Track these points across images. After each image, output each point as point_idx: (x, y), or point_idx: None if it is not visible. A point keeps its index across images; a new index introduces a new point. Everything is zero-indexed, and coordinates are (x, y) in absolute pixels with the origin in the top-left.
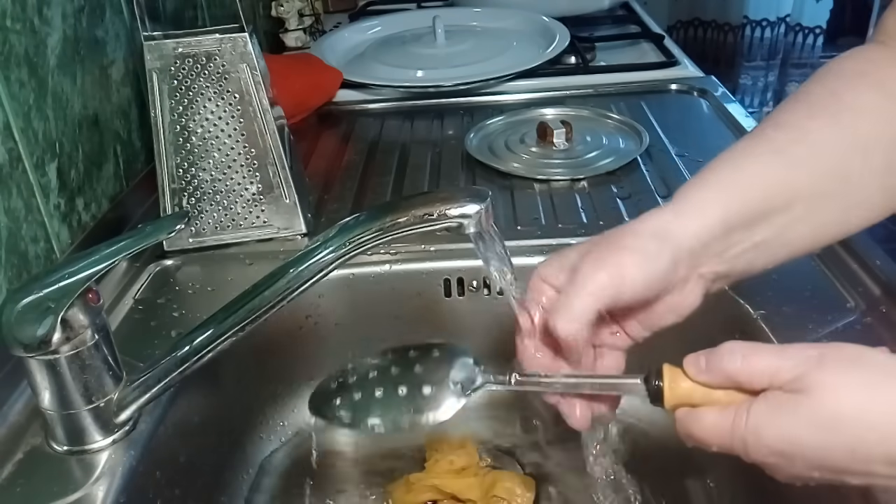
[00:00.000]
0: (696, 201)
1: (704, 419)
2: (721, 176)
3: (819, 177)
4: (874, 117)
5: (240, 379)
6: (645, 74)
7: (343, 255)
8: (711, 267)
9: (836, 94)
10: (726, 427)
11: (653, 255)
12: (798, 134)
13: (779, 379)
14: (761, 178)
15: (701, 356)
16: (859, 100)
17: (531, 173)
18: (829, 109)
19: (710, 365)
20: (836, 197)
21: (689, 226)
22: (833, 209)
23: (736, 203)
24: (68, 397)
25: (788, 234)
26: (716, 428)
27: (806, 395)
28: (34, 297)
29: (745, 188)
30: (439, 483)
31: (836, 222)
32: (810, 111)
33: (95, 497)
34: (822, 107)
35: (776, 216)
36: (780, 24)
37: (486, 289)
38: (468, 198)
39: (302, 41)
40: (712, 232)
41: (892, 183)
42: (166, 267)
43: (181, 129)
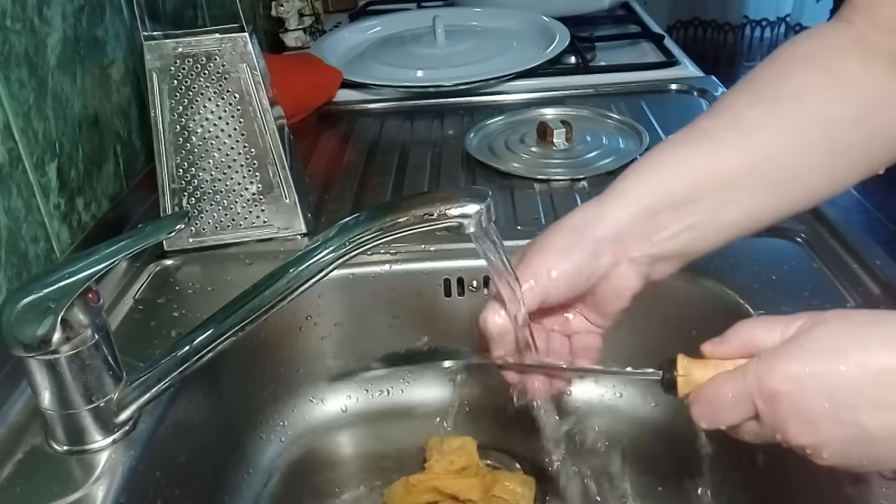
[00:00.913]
0: (621, 190)
1: (717, 377)
2: (649, 164)
3: (752, 161)
4: (817, 100)
5: (240, 379)
6: (645, 74)
7: (343, 255)
8: (642, 251)
9: (782, 78)
10: (739, 374)
11: (572, 253)
12: (733, 120)
13: (787, 334)
14: (689, 164)
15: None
16: (804, 83)
17: (531, 173)
18: (771, 94)
19: (725, 337)
20: (771, 181)
21: (612, 213)
22: (769, 192)
23: (661, 188)
24: (68, 397)
25: (721, 218)
26: (729, 378)
27: (814, 331)
28: (34, 297)
29: (672, 173)
30: (440, 485)
31: (771, 206)
32: (751, 99)
33: (95, 497)
34: (764, 92)
35: (705, 200)
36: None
37: (486, 289)
38: (468, 198)
39: (302, 41)
40: (635, 218)
41: (835, 165)
42: (166, 267)
43: (181, 128)
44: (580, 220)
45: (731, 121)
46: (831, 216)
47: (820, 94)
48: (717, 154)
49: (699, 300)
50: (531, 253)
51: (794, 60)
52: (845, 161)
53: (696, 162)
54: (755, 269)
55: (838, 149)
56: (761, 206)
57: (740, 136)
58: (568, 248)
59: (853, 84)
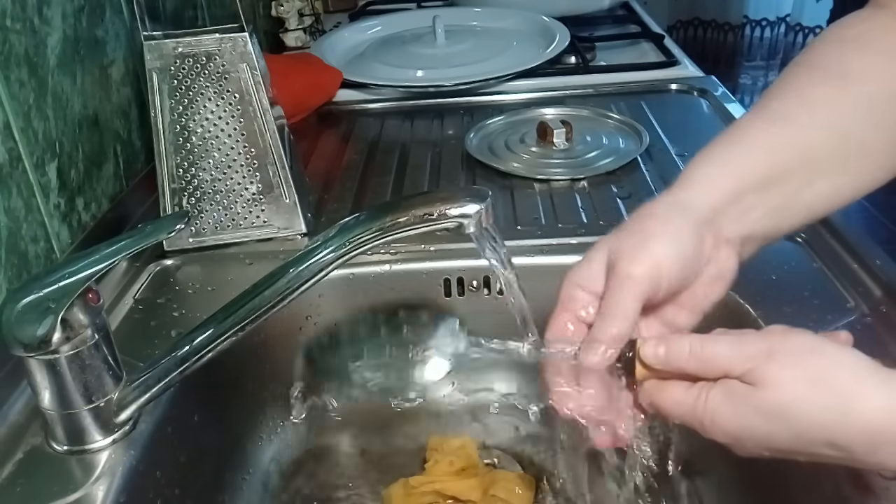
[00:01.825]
0: (703, 176)
1: (671, 394)
2: (725, 149)
3: (829, 139)
4: (879, 77)
5: (240, 379)
6: (645, 74)
7: (343, 255)
8: (735, 230)
9: (839, 59)
10: (689, 405)
11: (678, 231)
12: (804, 100)
13: (733, 371)
14: (767, 144)
15: (660, 346)
16: (863, 62)
17: (531, 173)
18: (832, 74)
19: (668, 358)
20: (848, 158)
21: (702, 199)
22: (846, 170)
23: (744, 171)
24: (68, 397)
25: (805, 197)
26: (679, 404)
27: (756, 388)
28: (34, 296)
29: (751, 155)
30: (439, 487)
31: (850, 183)
32: (812, 78)
33: (95, 497)
34: (824, 72)
35: (789, 179)
36: (780, 24)
37: (486, 289)
38: (468, 198)
39: (302, 41)
40: (725, 201)
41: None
42: (166, 267)
43: (181, 128)
44: (667, 205)
45: (801, 101)
46: (831, 216)
47: (882, 73)
48: (796, 133)
49: None
50: (629, 247)
51: (848, 43)
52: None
53: (776, 142)
54: (755, 269)
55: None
56: (841, 183)
57: (815, 114)
58: (672, 234)
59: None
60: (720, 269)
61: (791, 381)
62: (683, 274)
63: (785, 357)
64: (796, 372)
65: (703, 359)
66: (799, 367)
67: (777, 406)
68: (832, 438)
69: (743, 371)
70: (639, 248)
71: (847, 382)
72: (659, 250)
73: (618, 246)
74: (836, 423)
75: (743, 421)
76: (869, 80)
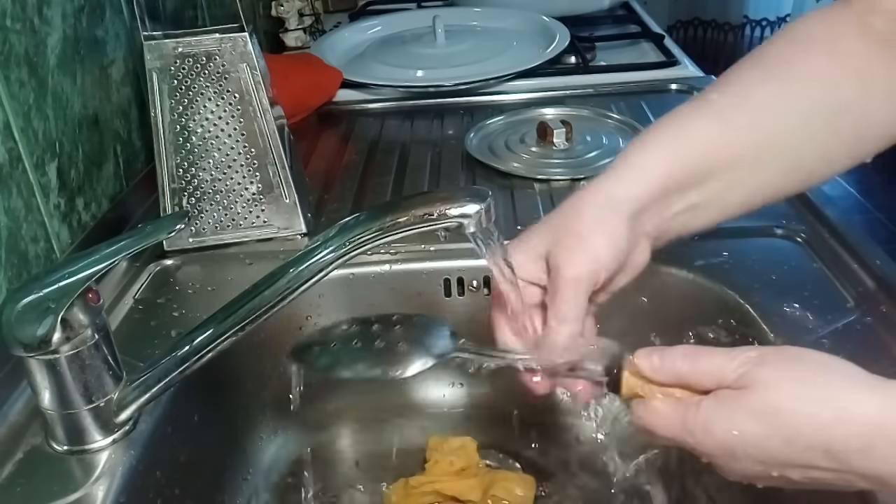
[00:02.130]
0: (637, 165)
1: (659, 410)
2: (662, 139)
3: (756, 142)
4: (821, 84)
5: (240, 379)
6: (645, 74)
7: (343, 255)
8: (653, 225)
9: (787, 60)
10: (678, 420)
11: (613, 228)
12: (740, 98)
13: (725, 379)
14: (700, 142)
15: (654, 354)
16: (809, 65)
17: (531, 173)
18: (776, 75)
19: (663, 364)
20: (773, 162)
21: (632, 189)
22: (769, 173)
23: (675, 166)
24: (68, 397)
25: (724, 198)
26: (668, 420)
27: (749, 390)
28: (34, 296)
29: (684, 152)
30: (440, 487)
31: (771, 186)
32: (758, 76)
33: (95, 497)
34: (770, 72)
35: (712, 180)
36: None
37: (486, 288)
38: (468, 198)
39: (302, 41)
40: (652, 195)
41: (833, 148)
42: (166, 267)
43: (181, 128)
44: (601, 199)
45: (739, 98)
46: (831, 216)
47: (824, 78)
48: (728, 132)
49: (699, 300)
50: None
51: (799, 42)
52: (842, 144)
53: (705, 139)
54: (755, 269)
55: (837, 132)
56: (763, 186)
57: (748, 114)
58: (608, 232)
59: (855, 68)
60: (636, 259)
61: (782, 380)
62: (617, 267)
63: (776, 361)
64: (788, 373)
65: (697, 365)
66: (791, 370)
67: (769, 406)
68: (827, 443)
69: (737, 376)
70: (578, 249)
71: (839, 384)
72: (597, 249)
73: (556, 245)
74: (830, 422)
75: (736, 425)
76: (811, 84)
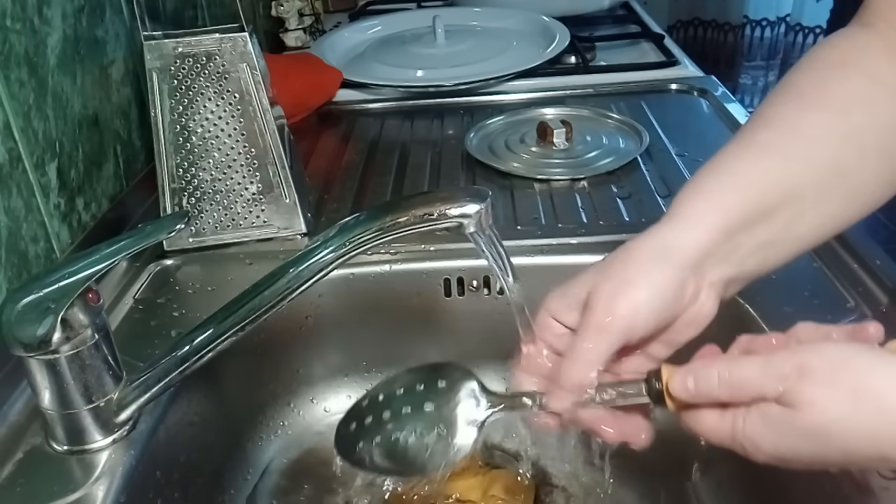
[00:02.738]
0: (692, 213)
1: (705, 422)
2: (714, 182)
3: (817, 170)
4: (864, 105)
5: (240, 379)
6: (645, 74)
7: (343, 255)
8: (720, 273)
9: (824, 86)
10: (726, 431)
11: (660, 279)
12: (789, 130)
13: (767, 395)
14: (757, 178)
15: (689, 377)
16: (848, 89)
17: (531, 173)
18: (818, 101)
19: (699, 390)
20: (836, 189)
21: (689, 239)
22: (834, 201)
23: (734, 207)
24: (68, 397)
25: (794, 230)
26: (716, 431)
27: (795, 410)
28: (34, 296)
29: (741, 190)
30: (440, 488)
31: (838, 214)
32: (799, 105)
33: (95, 497)
34: (811, 99)
35: (778, 214)
36: (780, 24)
37: (486, 288)
38: (468, 197)
39: (302, 41)
40: (714, 240)
41: (887, 168)
42: (166, 267)
43: (181, 128)
44: (651, 248)
45: (787, 132)
46: None
47: (866, 100)
48: (784, 166)
49: None
50: (607, 290)
51: (832, 67)
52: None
53: (763, 176)
54: None
55: (889, 152)
56: (830, 215)
57: (802, 145)
58: (653, 283)
59: (892, 86)
60: (697, 313)
61: (830, 400)
62: (660, 322)
63: (818, 375)
64: (834, 391)
65: (733, 385)
66: (836, 385)
67: (821, 428)
68: (884, 453)
69: (777, 394)
70: (617, 295)
71: (889, 394)
72: (637, 300)
73: (596, 287)
74: (887, 437)
75: (787, 445)
76: (854, 107)
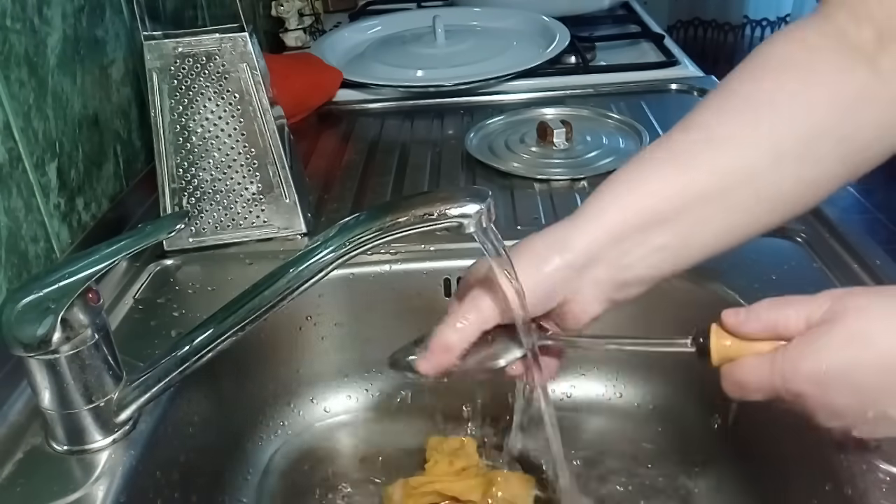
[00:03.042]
0: (591, 214)
1: (746, 364)
2: (619, 186)
3: (724, 177)
4: (792, 109)
5: (240, 379)
6: (645, 74)
7: (343, 255)
8: (606, 274)
9: (755, 88)
10: (766, 367)
11: (540, 278)
12: (703, 134)
13: (813, 318)
14: (658, 183)
15: (740, 311)
16: (778, 91)
17: (531, 173)
18: (743, 106)
19: (749, 316)
20: (745, 197)
21: (580, 240)
22: (743, 209)
23: (630, 209)
24: (68, 397)
25: (694, 238)
26: (757, 369)
27: (837, 321)
28: (34, 296)
29: (640, 193)
30: (440, 488)
31: (743, 223)
32: (722, 110)
33: (95, 497)
34: (735, 104)
35: (675, 220)
36: (780, 24)
37: None
38: (468, 197)
39: (302, 41)
40: (602, 243)
41: (812, 175)
42: (166, 267)
43: (181, 128)
44: (546, 242)
45: (700, 135)
46: (831, 216)
47: (795, 103)
48: (688, 172)
49: (699, 300)
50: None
51: (769, 67)
52: (823, 170)
53: (665, 181)
54: (755, 269)
55: (816, 158)
56: (736, 223)
57: (710, 151)
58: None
59: (831, 88)
60: (578, 310)
61: (872, 306)
62: (537, 309)
63: (863, 292)
64: (877, 300)
65: (782, 307)
66: (879, 298)
67: (860, 331)
68: None
69: (823, 312)
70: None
71: None
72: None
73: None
74: None
75: (826, 355)
76: (780, 111)
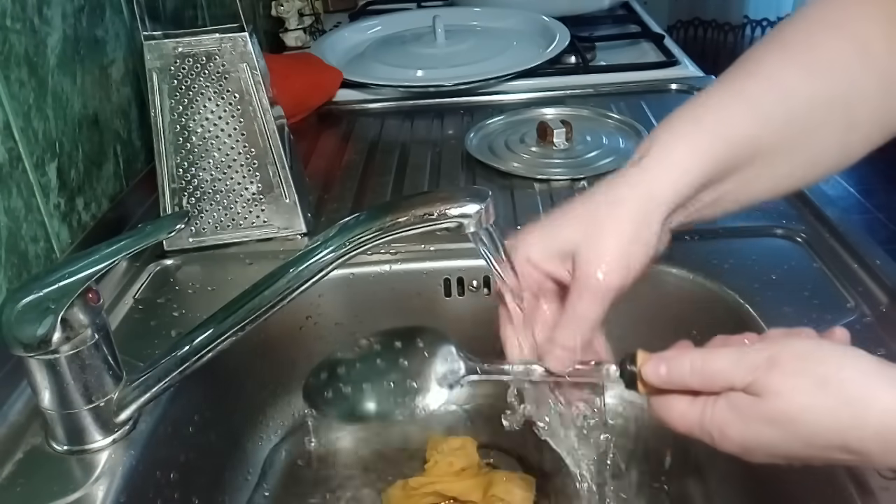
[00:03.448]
0: (675, 159)
1: (675, 408)
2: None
3: (786, 131)
4: (844, 74)
5: (240, 379)
6: (645, 74)
7: (343, 254)
8: (678, 219)
9: (812, 46)
10: (695, 419)
11: (648, 239)
12: (770, 84)
13: (736, 385)
14: (737, 132)
15: (661, 365)
16: (833, 53)
17: (531, 173)
18: (803, 60)
19: (671, 376)
20: (800, 151)
21: (671, 188)
22: (794, 163)
23: (713, 159)
24: (68, 397)
25: (751, 187)
26: (685, 418)
27: (761, 399)
28: (34, 296)
29: (723, 142)
30: (440, 488)
31: (794, 175)
32: (784, 60)
33: (95, 497)
34: (796, 56)
35: (744, 170)
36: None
37: (486, 288)
38: (468, 197)
39: (302, 41)
40: (687, 191)
41: (850, 140)
42: (166, 267)
43: (181, 128)
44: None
45: (768, 85)
46: (831, 216)
47: (849, 66)
48: (757, 123)
49: (699, 300)
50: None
51: (824, 26)
52: (862, 134)
53: (742, 128)
54: (755, 269)
55: (859, 122)
56: (786, 176)
57: (778, 102)
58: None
59: (879, 57)
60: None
61: (795, 389)
62: (644, 269)
63: (787, 365)
64: (800, 380)
65: (705, 375)
66: (803, 374)
67: (784, 415)
68: (846, 443)
69: (746, 384)
70: (616, 255)
71: (854, 385)
72: (633, 258)
73: (587, 245)
74: (848, 427)
75: (752, 432)
76: (833, 73)
